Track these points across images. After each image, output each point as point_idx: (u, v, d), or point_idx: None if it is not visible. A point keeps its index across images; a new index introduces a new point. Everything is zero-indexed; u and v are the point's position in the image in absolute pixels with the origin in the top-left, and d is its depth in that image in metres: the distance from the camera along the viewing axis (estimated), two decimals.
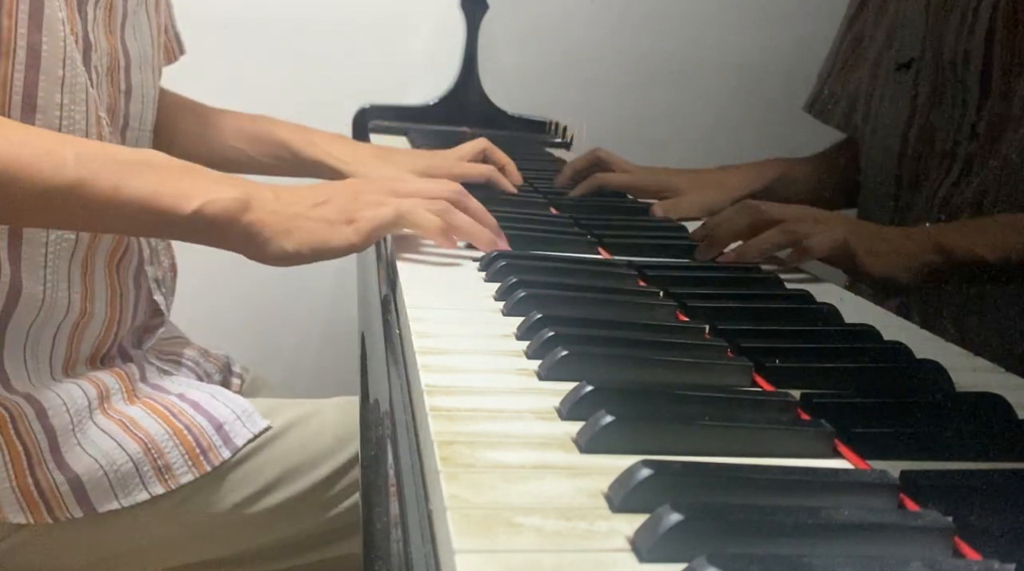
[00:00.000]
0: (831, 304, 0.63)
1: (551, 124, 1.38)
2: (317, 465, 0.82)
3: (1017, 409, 0.46)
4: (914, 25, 0.60)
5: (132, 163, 0.64)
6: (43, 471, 0.72)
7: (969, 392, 0.50)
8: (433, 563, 0.34)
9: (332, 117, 1.51)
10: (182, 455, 0.77)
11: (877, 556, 0.33)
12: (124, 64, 0.80)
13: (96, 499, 0.74)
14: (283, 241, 0.66)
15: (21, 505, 0.72)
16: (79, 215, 0.63)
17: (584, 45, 1.28)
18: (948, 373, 0.51)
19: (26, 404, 0.72)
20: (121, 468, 0.74)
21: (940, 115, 0.57)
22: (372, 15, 1.65)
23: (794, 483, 0.37)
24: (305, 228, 0.67)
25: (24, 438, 0.72)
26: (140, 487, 0.75)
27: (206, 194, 0.64)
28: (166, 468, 0.76)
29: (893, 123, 0.62)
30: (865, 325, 0.59)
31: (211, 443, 0.78)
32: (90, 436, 0.74)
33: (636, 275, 0.70)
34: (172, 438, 0.77)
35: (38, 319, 0.73)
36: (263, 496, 0.80)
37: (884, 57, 0.64)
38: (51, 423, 0.72)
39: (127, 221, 0.64)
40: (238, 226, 0.65)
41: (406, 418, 0.46)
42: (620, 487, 0.35)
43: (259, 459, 0.81)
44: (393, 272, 0.68)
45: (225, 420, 0.80)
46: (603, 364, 0.49)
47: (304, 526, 0.83)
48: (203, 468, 0.77)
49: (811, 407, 0.46)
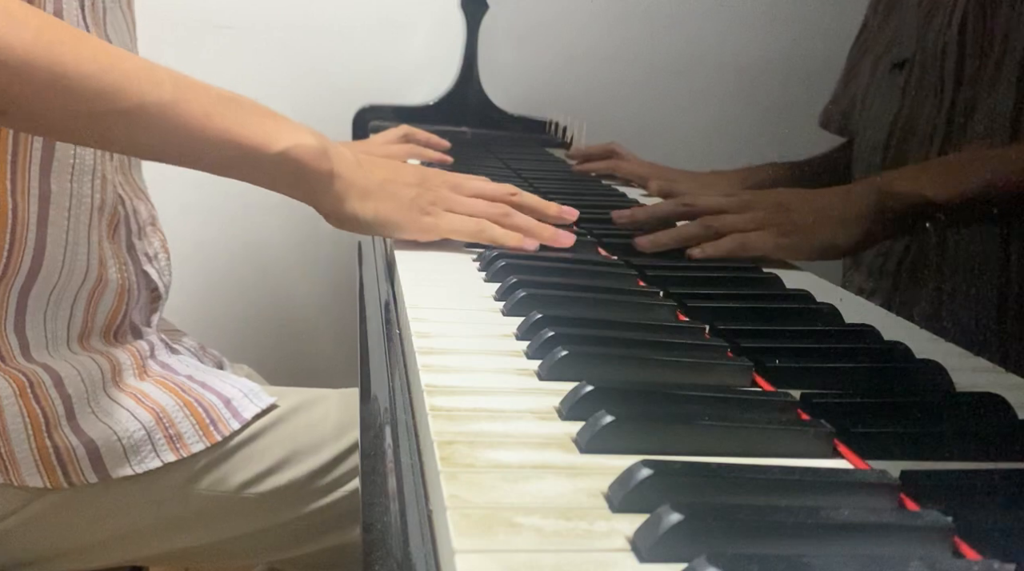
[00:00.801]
0: (831, 304, 0.63)
1: (551, 124, 1.38)
2: (320, 448, 0.84)
3: (1017, 409, 0.46)
4: (910, 29, 0.61)
5: (222, 97, 0.64)
6: (60, 435, 0.74)
7: (969, 392, 0.50)
8: (433, 563, 0.34)
9: (332, 117, 1.51)
10: (192, 425, 0.79)
11: (877, 556, 0.33)
12: None
13: (110, 464, 0.75)
14: (360, 202, 0.67)
15: (39, 467, 0.74)
16: (171, 137, 0.63)
17: (584, 45, 1.28)
18: (948, 373, 0.51)
19: (44, 372, 0.74)
20: (134, 435, 0.76)
21: (921, 107, 0.58)
22: (372, 15, 1.65)
23: (794, 483, 0.37)
24: (385, 199, 0.68)
25: (42, 403, 0.73)
26: (152, 454, 0.77)
27: (292, 137, 0.65)
28: (177, 437, 0.78)
29: (881, 118, 0.62)
30: (865, 325, 0.59)
31: (220, 415, 0.80)
32: (103, 406, 0.76)
33: (636, 275, 0.70)
34: (183, 409, 0.79)
35: (58, 284, 0.75)
36: (268, 476, 0.82)
37: (882, 61, 0.65)
38: (67, 391, 0.74)
39: (214, 152, 0.64)
40: (319, 174, 0.66)
41: (406, 418, 0.46)
42: (620, 487, 0.35)
43: (265, 439, 0.83)
44: (393, 272, 0.68)
45: (232, 396, 0.82)
46: (603, 364, 0.49)
47: (306, 510, 0.84)
48: (213, 438, 0.79)
49: (811, 407, 0.46)
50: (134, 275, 0.85)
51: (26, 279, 0.74)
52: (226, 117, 0.63)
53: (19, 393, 0.73)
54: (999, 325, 0.48)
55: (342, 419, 0.86)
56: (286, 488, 0.82)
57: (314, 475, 0.83)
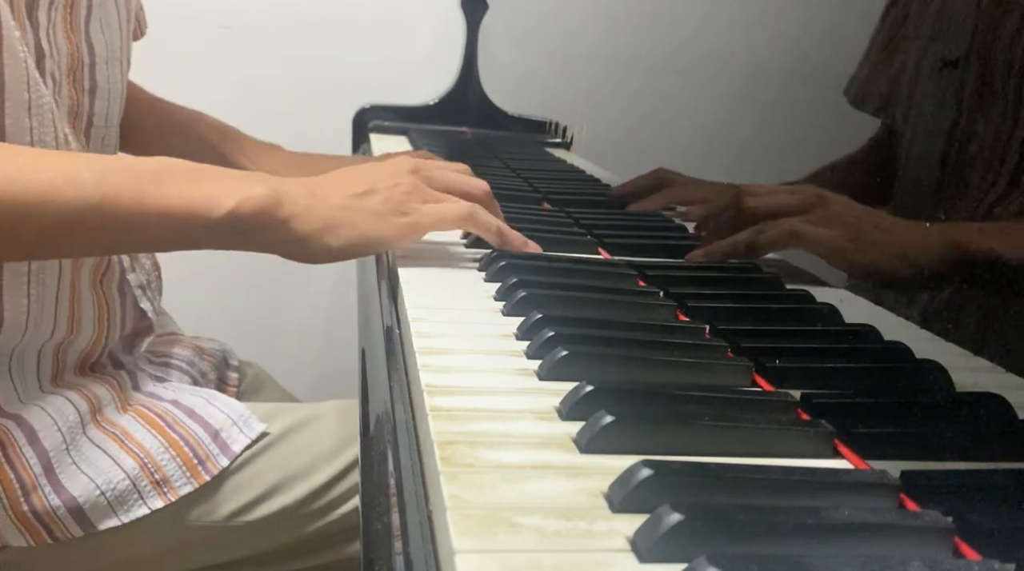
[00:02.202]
0: (831, 304, 0.63)
1: (551, 124, 1.38)
2: (316, 470, 0.81)
3: (1017, 409, 0.46)
4: (963, 21, 0.56)
5: (150, 173, 0.59)
6: (39, 497, 0.71)
7: (969, 392, 0.50)
8: (433, 563, 0.34)
9: (332, 117, 1.51)
10: (179, 467, 0.75)
11: (877, 556, 0.32)
12: (89, 62, 0.77)
13: (95, 518, 0.73)
14: (326, 237, 0.62)
15: (20, 530, 0.71)
16: (104, 236, 0.59)
17: (584, 45, 1.28)
18: (948, 373, 0.51)
19: (16, 429, 0.71)
20: (118, 486, 0.73)
21: (986, 124, 0.52)
22: (372, 15, 1.65)
23: (794, 483, 0.37)
24: (351, 221, 0.63)
25: (16, 466, 0.70)
26: (139, 503, 0.74)
27: (236, 193, 0.59)
28: (164, 481, 0.75)
29: (936, 123, 0.57)
30: (865, 325, 0.59)
31: (208, 452, 0.77)
32: (85, 453, 0.73)
33: (636, 275, 0.70)
34: (168, 450, 0.75)
35: (21, 343, 0.72)
36: (261, 502, 0.79)
37: (929, 51, 0.59)
38: (43, 445, 0.71)
39: (154, 234, 0.60)
40: (275, 224, 0.60)
41: (406, 418, 0.46)
42: (620, 487, 0.35)
43: (257, 465, 0.80)
44: (393, 272, 0.68)
45: (221, 427, 0.79)
46: (603, 364, 0.49)
47: (303, 532, 0.82)
48: (202, 479, 0.76)
49: (811, 407, 0.46)
50: (118, 316, 0.82)
51: None
52: (162, 196, 0.58)
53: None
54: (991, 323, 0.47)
55: (338, 437, 0.83)
56: (278, 514, 0.80)
57: (308, 499, 0.81)
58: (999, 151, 0.51)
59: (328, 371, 1.76)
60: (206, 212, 0.59)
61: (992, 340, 0.49)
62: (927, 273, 0.56)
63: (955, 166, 0.55)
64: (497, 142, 1.16)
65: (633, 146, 1.09)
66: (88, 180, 0.57)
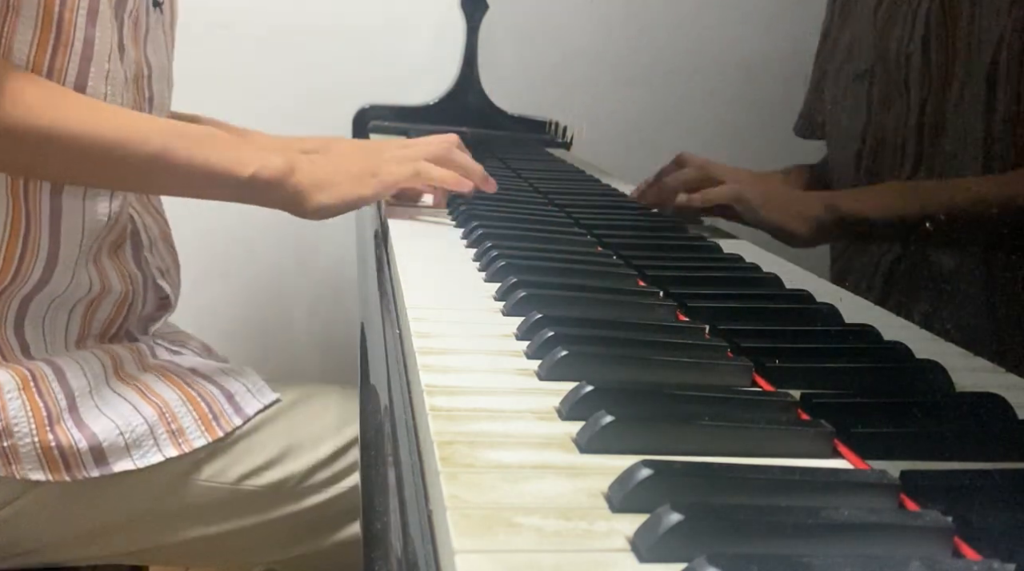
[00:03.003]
0: (831, 304, 0.63)
1: (551, 124, 1.38)
2: (320, 442, 0.86)
3: (1017, 409, 0.46)
4: (866, 39, 0.66)
5: (198, 136, 0.76)
6: (62, 429, 0.75)
7: (969, 392, 0.50)
8: (433, 563, 0.34)
9: (332, 117, 1.51)
10: (195, 420, 0.81)
11: (877, 556, 0.33)
12: (148, 73, 0.85)
13: (112, 458, 0.76)
14: (322, 194, 0.78)
15: (41, 462, 0.74)
16: (157, 179, 0.76)
17: (584, 45, 1.28)
18: (948, 373, 0.51)
19: (46, 366, 0.76)
20: (136, 429, 0.77)
21: (890, 117, 0.62)
22: (372, 15, 1.65)
23: (794, 483, 0.37)
24: (339, 183, 0.79)
25: (45, 397, 0.75)
26: (155, 448, 0.78)
27: (259, 161, 0.76)
28: (179, 431, 0.80)
29: (852, 128, 0.67)
30: (865, 325, 0.59)
31: (223, 410, 0.83)
32: (107, 398, 0.78)
33: (636, 275, 0.70)
34: (185, 404, 0.81)
35: (61, 297, 0.78)
36: (268, 468, 0.84)
37: (844, 70, 0.70)
38: (69, 384, 0.76)
39: (193, 183, 0.76)
40: (285, 186, 0.77)
41: (406, 418, 0.46)
42: (620, 487, 0.35)
43: (265, 432, 0.85)
44: (393, 272, 0.68)
45: (236, 391, 0.85)
46: (603, 364, 0.49)
47: (305, 504, 0.85)
48: (215, 433, 0.81)
49: (811, 407, 0.46)
50: (142, 287, 0.86)
51: (33, 288, 0.76)
52: (205, 155, 0.75)
53: (22, 386, 0.74)
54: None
55: (343, 413, 0.88)
56: (285, 481, 0.84)
57: (314, 469, 0.85)
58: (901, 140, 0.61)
59: (328, 372, 1.76)
60: (234, 173, 0.76)
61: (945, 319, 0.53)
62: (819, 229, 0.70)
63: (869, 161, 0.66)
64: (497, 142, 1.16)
65: (633, 146, 1.09)
66: (153, 136, 0.73)
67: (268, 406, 0.86)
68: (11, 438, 0.73)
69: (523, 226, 0.80)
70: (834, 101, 0.70)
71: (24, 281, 0.76)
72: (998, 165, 0.50)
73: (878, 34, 0.63)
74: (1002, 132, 0.50)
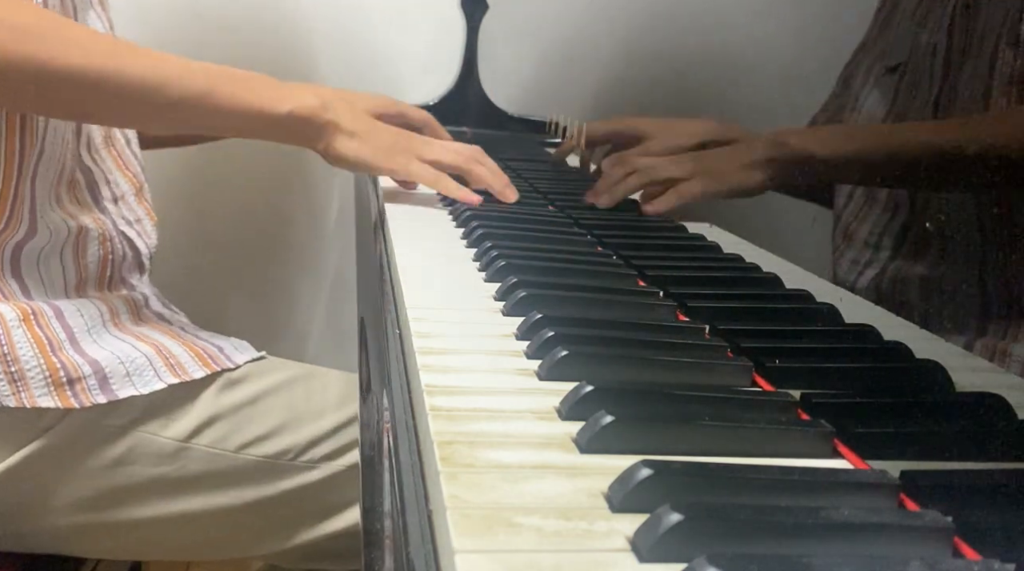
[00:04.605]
0: (831, 304, 0.63)
1: (551, 124, 1.38)
2: (321, 416, 0.88)
3: (1017, 409, 0.46)
4: (904, 36, 0.68)
5: (238, 77, 0.81)
6: (66, 355, 0.77)
7: (969, 392, 0.50)
8: (433, 563, 0.34)
9: None
10: (191, 357, 0.84)
11: (877, 556, 0.33)
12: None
13: (116, 384, 0.79)
14: (347, 141, 0.83)
15: (49, 386, 0.76)
16: (202, 115, 0.79)
17: (584, 45, 1.28)
18: (948, 373, 0.51)
19: (46, 306, 0.79)
20: (136, 360, 0.80)
21: (911, 99, 0.65)
22: (372, 15, 1.65)
23: (794, 483, 0.37)
24: (367, 140, 0.84)
25: (46, 330, 0.77)
26: (155, 377, 0.81)
27: (295, 100, 0.81)
28: (177, 364, 0.83)
29: (874, 116, 0.70)
30: (865, 325, 0.59)
31: (216, 353, 0.87)
32: (104, 339, 0.81)
33: (636, 275, 0.70)
34: (181, 345, 0.85)
35: (50, 244, 0.81)
36: (268, 439, 0.86)
37: (875, 68, 0.72)
38: (68, 322, 0.79)
39: (237, 121, 0.81)
40: (318, 123, 0.82)
41: (406, 418, 0.46)
42: (620, 487, 0.35)
43: (267, 402, 0.87)
44: (393, 271, 0.68)
45: (224, 346, 0.89)
46: (603, 364, 0.48)
47: (304, 481, 0.86)
48: (211, 367, 0.85)
49: (811, 407, 0.46)
50: (112, 231, 0.88)
51: (24, 235, 0.79)
52: (244, 95, 0.79)
53: (23, 319, 0.76)
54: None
55: (344, 391, 0.90)
56: (284, 452, 0.86)
57: (314, 442, 0.87)
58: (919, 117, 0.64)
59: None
60: (272, 110, 0.80)
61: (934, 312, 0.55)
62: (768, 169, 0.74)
63: None
64: (497, 142, 1.16)
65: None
66: (199, 74, 0.78)
67: (256, 359, 0.89)
68: (17, 363, 0.75)
69: (523, 226, 0.80)
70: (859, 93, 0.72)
71: (13, 232, 0.78)
72: None
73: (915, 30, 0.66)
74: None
